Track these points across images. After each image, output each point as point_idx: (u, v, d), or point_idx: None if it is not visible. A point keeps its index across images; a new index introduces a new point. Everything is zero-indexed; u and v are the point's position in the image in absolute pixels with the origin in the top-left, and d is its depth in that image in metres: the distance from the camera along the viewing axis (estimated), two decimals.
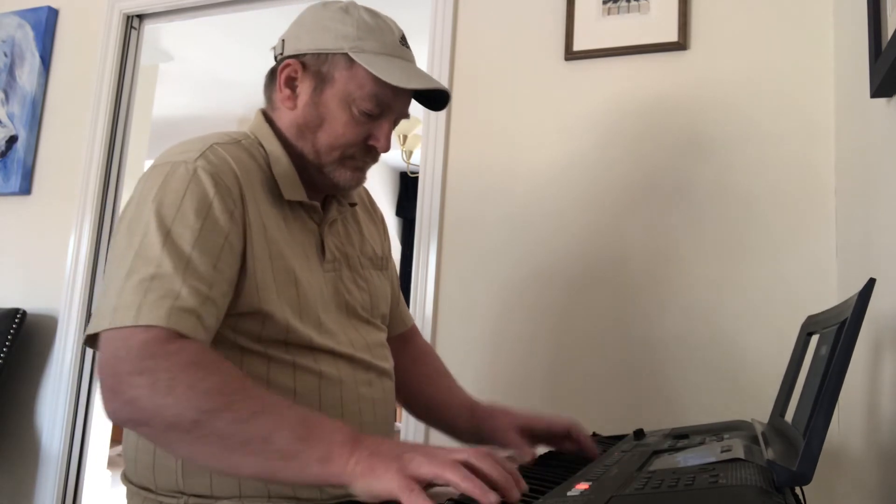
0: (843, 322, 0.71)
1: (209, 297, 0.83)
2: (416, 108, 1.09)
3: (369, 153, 1.02)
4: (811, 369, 0.83)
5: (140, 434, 0.85)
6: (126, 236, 0.86)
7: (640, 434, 1.03)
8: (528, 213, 1.72)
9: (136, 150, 2.99)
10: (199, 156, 0.90)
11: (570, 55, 1.72)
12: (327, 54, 0.98)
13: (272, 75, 1.04)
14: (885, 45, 0.96)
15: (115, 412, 0.78)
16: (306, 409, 0.80)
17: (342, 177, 1.01)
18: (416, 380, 1.21)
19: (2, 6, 2.51)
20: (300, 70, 0.99)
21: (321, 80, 0.98)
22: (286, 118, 1.01)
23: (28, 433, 2.19)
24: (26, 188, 2.34)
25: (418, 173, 1.88)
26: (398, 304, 1.24)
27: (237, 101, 4.26)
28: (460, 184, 1.80)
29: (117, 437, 1.76)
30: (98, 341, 0.81)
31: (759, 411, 1.21)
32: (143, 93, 2.98)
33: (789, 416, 0.87)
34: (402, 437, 1.78)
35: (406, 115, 1.04)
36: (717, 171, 1.56)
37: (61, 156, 2.33)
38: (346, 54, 0.97)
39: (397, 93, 0.98)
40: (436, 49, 1.86)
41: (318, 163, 1.00)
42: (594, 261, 1.65)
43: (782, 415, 0.93)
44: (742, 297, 1.51)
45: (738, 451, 0.72)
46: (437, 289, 1.78)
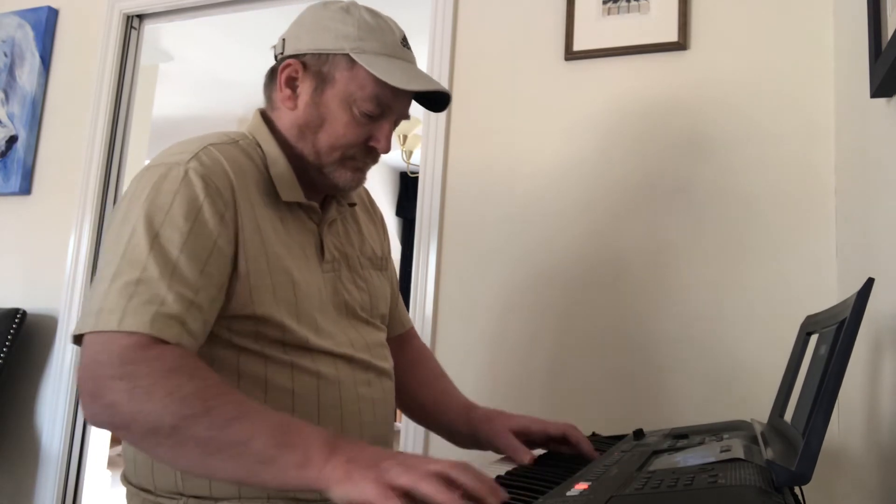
0: (843, 322, 0.71)
1: (195, 302, 0.83)
2: (416, 108, 1.09)
3: (370, 154, 1.02)
4: (810, 369, 0.83)
5: (120, 438, 0.85)
6: (115, 237, 0.86)
7: (639, 434, 1.03)
8: (528, 214, 1.72)
9: (136, 150, 2.99)
10: (192, 157, 0.90)
11: (571, 55, 1.72)
12: (328, 54, 0.97)
13: (272, 75, 1.03)
14: (885, 45, 0.96)
15: (95, 416, 0.78)
16: (286, 414, 0.80)
17: (342, 177, 1.01)
18: (413, 382, 1.21)
19: (2, 6, 2.51)
20: (301, 70, 0.99)
21: (322, 81, 0.98)
22: (286, 118, 1.01)
23: (28, 433, 2.19)
24: (26, 188, 2.34)
25: (418, 173, 1.88)
26: (397, 305, 1.24)
27: (237, 101, 4.26)
28: (460, 184, 1.80)
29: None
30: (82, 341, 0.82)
31: (758, 411, 1.21)
32: (143, 93, 2.98)
33: (788, 416, 0.87)
34: (402, 438, 1.78)
35: (406, 116, 1.04)
36: (717, 171, 1.56)
37: (61, 156, 2.33)
38: (347, 55, 0.96)
39: (398, 94, 0.98)
40: (436, 49, 1.86)
41: (319, 163, 1.00)
42: (594, 261, 1.64)
43: (781, 415, 0.93)
44: (742, 297, 1.51)
45: (738, 451, 0.72)
46: (437, 289, 1.78)
